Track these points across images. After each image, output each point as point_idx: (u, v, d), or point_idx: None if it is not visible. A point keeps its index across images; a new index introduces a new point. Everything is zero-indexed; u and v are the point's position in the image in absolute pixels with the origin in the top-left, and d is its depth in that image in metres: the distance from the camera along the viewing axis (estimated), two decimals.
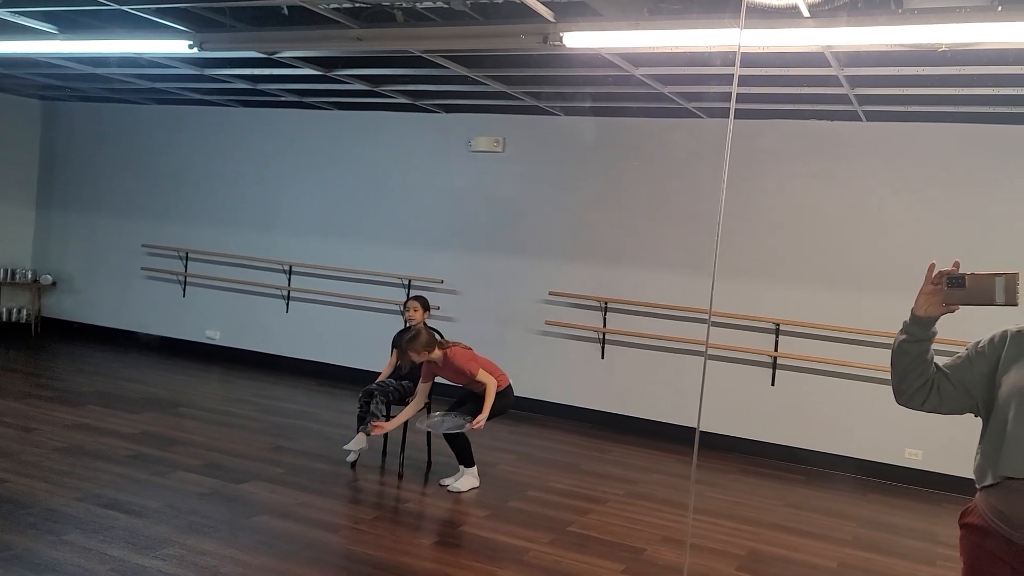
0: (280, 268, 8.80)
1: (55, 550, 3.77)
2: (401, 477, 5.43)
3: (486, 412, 5.04)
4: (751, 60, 4.99)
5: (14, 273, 9.80)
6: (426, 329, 5.27)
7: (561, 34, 4.59)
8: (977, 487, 2.08)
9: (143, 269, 9.48)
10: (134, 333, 9.57)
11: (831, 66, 4.93)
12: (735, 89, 3.72)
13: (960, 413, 2.18)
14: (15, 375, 7.60)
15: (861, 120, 6.46)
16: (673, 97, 6.24)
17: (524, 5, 4.32)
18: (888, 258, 6.40)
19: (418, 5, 4.72)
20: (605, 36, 4.58)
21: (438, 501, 5.07)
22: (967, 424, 2.35)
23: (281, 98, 8.17)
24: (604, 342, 7.42)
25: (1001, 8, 3.68)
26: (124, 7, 5.15)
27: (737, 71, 4.47)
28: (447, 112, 8.00)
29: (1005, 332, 2.10)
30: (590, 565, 4.18)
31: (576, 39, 4.63)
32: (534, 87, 6.52)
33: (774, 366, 6.81)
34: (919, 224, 6.34)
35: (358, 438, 5.54)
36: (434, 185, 8.12)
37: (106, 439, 5.66)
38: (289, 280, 8.77)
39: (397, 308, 7.89)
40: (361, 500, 5.05)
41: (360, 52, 5.85)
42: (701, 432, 6.81)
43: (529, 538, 4.49)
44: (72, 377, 7.68)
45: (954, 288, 2.04)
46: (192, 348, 9.21)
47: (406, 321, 5.88)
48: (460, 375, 5.20)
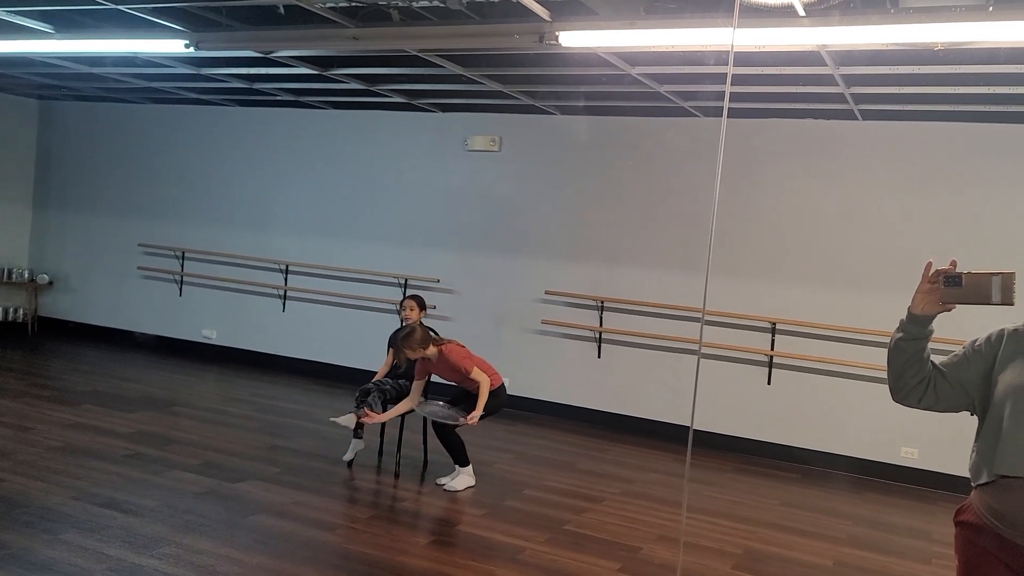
0: (277, 267, 8.79)
1: (51, 549, 3.77)
2: (397, 476, 5.43)
3: (480, 408, 5.06)
4: (747, 59, 5.00)
5: (10, 272, 9.80)
6: (421, 326, 5.28)
7: (557, 33, 4.59)
8: (972, 485, 2.09)
9: (139, 268, 9.47)
10: (130, 332, 9.57)
11: (827, 65, 4.93)
12: (728, 88, 3.73)
13: (956, 411, 2.19)
14: (11, 374, 7.58)
15: (857, 119, 6.47)
16: (669, 96, 6.24)
17: (520, 4, 4.32)
18: (884, 257, 6.41)
19: (414, 4, 4.72)
20: (601, 35, 4.58)
21: (434, 500, 5.07)
22: (963, 423, 2.36)
23: (277, 97, 8.17)
24: (600, 341, 7.42)
25: (992, 8, 3.69)
26: (120, 6, 5.14)
27: (731, 70, 4.47)
28: (443, 111, 8.00)
29: (1002, 331, 2.11)
30: (586, 564, 4.18)
31: (572, 38, 4.64)
32: (530, 86, 6.53)
33: (770, 365, 6.82)
34: (915, 223, 6.35)
35: (354, 443, 5.57)
36: (430, 184, 8.12)
37: (102, 438, 5.66)
38: (285, 279, 8.77)
39: (393, 307, 7.88)
40: (357, 499, 5.04)
41: (356, 51, 5.84)
42: (698, 431, 6.85)
43: (525, 537, 4.49)
44: (68, 376, 7.66)
45: (951, 287, 2.04)
46: (189, 347, 9.20)
47: (402, 320, 5.88)
48: (454, 372, 5.20)
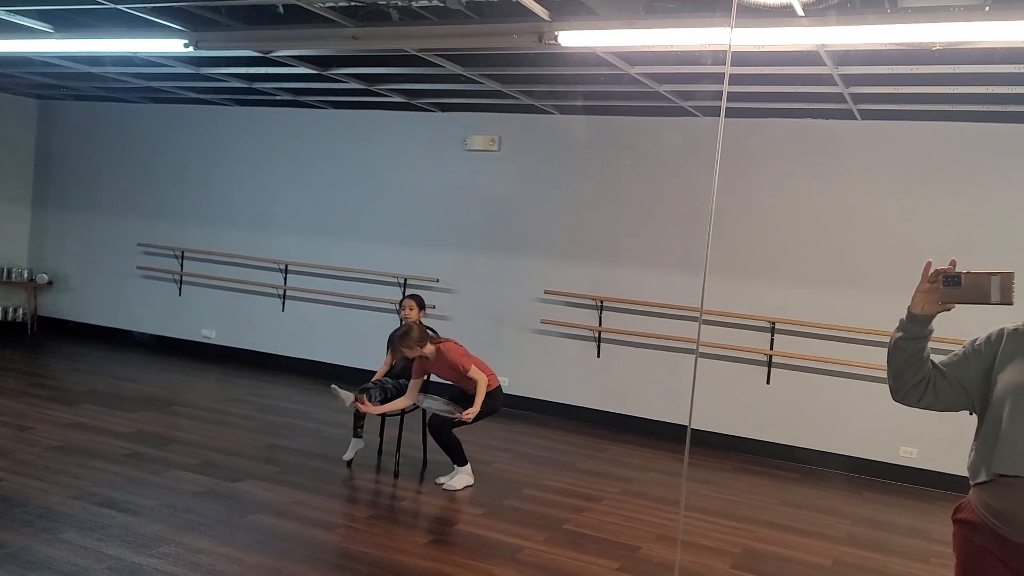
0: (276, 267, 8.79)
1: (51, 548, 3.77)
2: (397, 475, 5.43)
3: (477, 405, 5.06)
4: (746, 59, 5.00)
5: (10, 272, 9.79)
6: (418, 325, 5.29)
7: (556, 33, 4.60)
8: (971, 483, 2.09)
9: (139, 268, 9.47)
10: (130, 332, 9.57)
11: (825, 65, 4.94)
12: (726, 88, 3.73)
13: (956, 411, 2.19)
14: (11, 374, 7.58)
15: (855, 119, 6.47)
16: (668, 96, 6.25)
17: (519, 4, 4.32)
18: (884, 256, 6.42)
19: (414, 4, 4.72)
20: (600, 35, 4.59)
21: (433, 499, 5.07)
22: (962, 422, 2.36)
23: (277, 97, 8.16)
24: (600, 341, 7.42)
25: (988, 8, 3.69)
26: (120, 6, 5.14)
27: (728, 70, 4.47)
28: (443, 111, 8.00)
29: (1001, 330, 2.12)
30: (585, 563, 4.19)
31: (571, 38, 4.64)
32: (530, 86, 6.53)
33: (769, 364, 6.82)
34: (915, 222, 6.36)
35: (354, 442, 5.57)
36: (430, 184, 8.12)
37: (102, 438, 5.66)
38: (285, 279, 8.76)
39: (393, 307, 7.88)
40: (357, 498, 5.05)
41: (356, 51, 5.85)
42: (697, 430, 6.85)
43: (524, 536, 4.50)
44: (68, 376, 7.66)
45: (950, 287, 2.04)
46: (188, 347, 9.20)
47: (402, 320, 5.88)
48: (452, 371, 5.20)
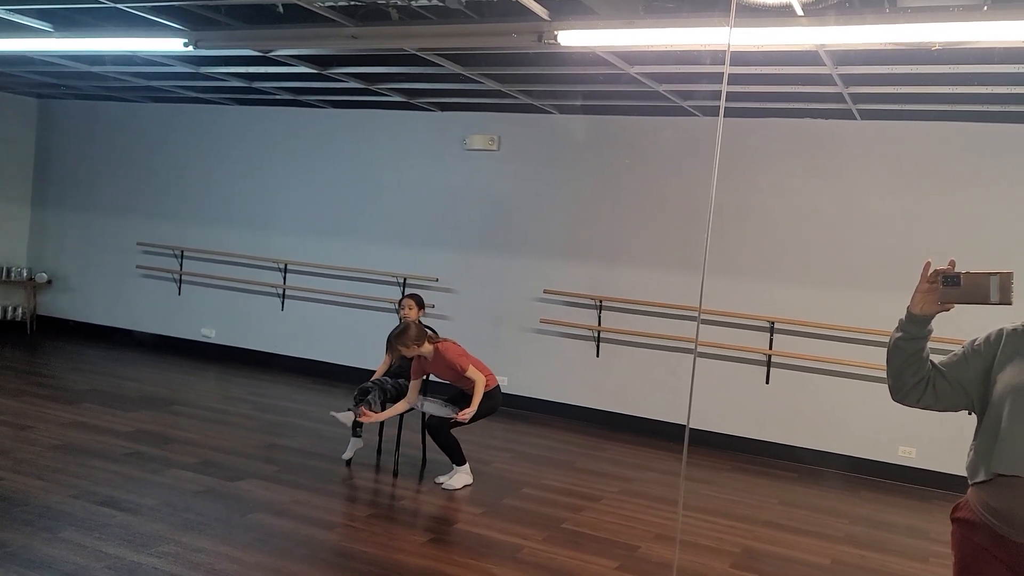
0: (275, 266, 8.79)
1: (50, 547, 3.77)
2: (396, 475, 5.44)
3: (475, 406, 5.06)
4: (745, 58, 5.00)
5: (9, 271, 9.79)
6: (416, 324, 5.29)
7: (556, 32, 4.60)
8: (970, 483, 2.10)
9: (138, 267, 9.47)
10: (130, 331, 9.57)
11: (825, 64, 4.94)
12: (725, 87, 3.74)
13: (955, 411, 2.20)
14: (11, 373, 7.58)
15: (855, 118, 6.47)
16: (668, 95, 6.25)
17: (519, 3, 4.32)
18: (883, 256, 6.42)
19: (413, 3, 4.72)
20: (600, 34, 4.59)
21: (433, 498, 5.08)
22: (961, 422, 2.37)
23: (276, 96, 8.16)
24: (599, 340, 7.43)
25: (988, 8, 3.69)
26: (119, 5, 5.14)
27: (727, 69, 4.48)
28: (442, 110, 8.00)
29: (1001, 330, 2.12)
30: (584, 562, 4.19)
31: (571, 37, 4.64)
32: (529, 85, 6.53)
33: (768, 364, 6.83)
34: (914, 222, 6.36)
35: (353, 442, 5.58)
36: (429, 183, 8.12)
37: (102, 437, 5.66)
38: (284, 278, 8.77)
39: (392, 306, 7.88)
40: (356, 497, 5.05)
41: (355, 50, 5.84)
42: (696, 430, 6.85)
43: (523, 535, 4.50)
44: (68, 375, 7.67)
45: (949, 287, 2.05)
46: (188, 346, 9.20)
47: (401, 319, 5.88)
48: (450, 371, 5.20)
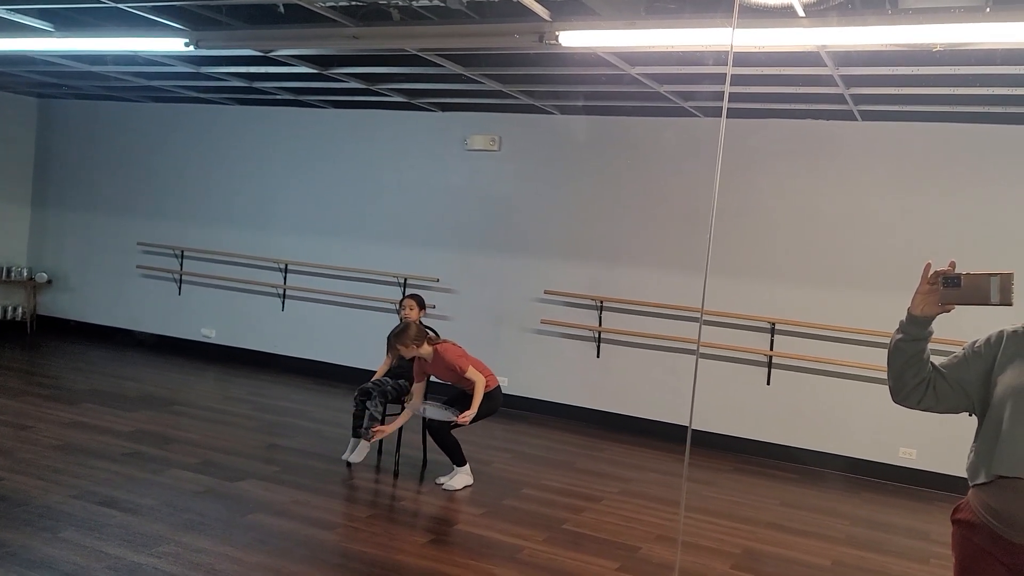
0: (276, 266, 8.79)
1: (51, 547, 3.77)
2: (396, 475, 5.44)
3: (474, 408, 5.06)
4: (746, 59, 5.00)
5: (9, 271, 9.79)
6: (417, 324, 5.29)
7: (557, 33, 4.59)
8: (970, 484, 2.10)
9: (139, 267, 9.47)
10: (130, 331, 9.56)
11: (826, 66, 4.94)
12: (727, 88, 3.74)
13: (956, 412, 2.19)
14: (11, 373, 7.58)
15: (856, 119, 6.47)
16: (669, 96, 6.24)
17: (520, 4, 4.32)
18: (883, 257, 6.42)
19: (414, 3, 4.72)
20: (601, 35, 4.59)
21: (433, 499, 5.08)
22: (961, 423, 2.36)
23: (277, 96, 8.16)
24: (599, 341, 7.43)
25: (990, 9, 3.69)
26: (120, 5, 5.14)
27: (730, 70, 4.47)
28: (443, 111, 8.00)
29: (1001, 332, 2.12)
30: (584, 563, 4.19)
31: (572, 38, 4.64)
32: (530, 86, 6.53)
33: (769, 365, 6.82)
34: (915, 223, 6.36)
35: (360, 448, 5.52)
36: (430, 183, 8.12)
37: (102, 437, 5.66)
38: (285, 278, 8.77)
39: (393, 307, 7.88)
40: (356, 498, 5.05)
41: (356, 50, 5.85)
42: (696, 431, 6.85)
43: (524, 536, 4.50)
44: (68, 375, 7.66)
45: (950, 288, 2.05)
46: (188, 346, 9.20)
47: (402, 319, 5.88)
48: (450, 372, 5.20)
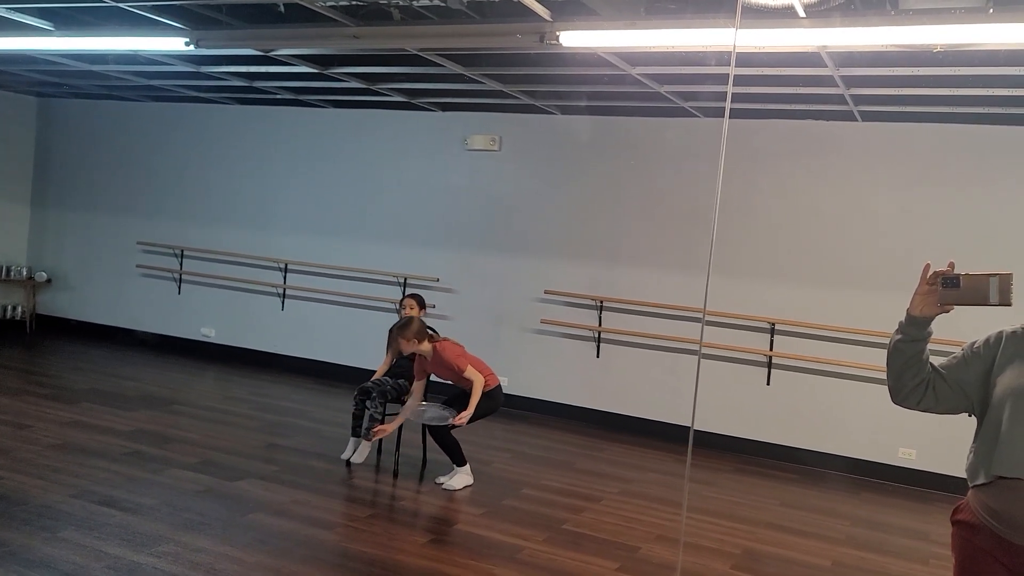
0: (276, 266, 8.79)
1: (50, 547, 3.77)
2: (396, 475, 5.43)
3: (471, 409, 5.05)
4: (747, 60, 4.99)
5: (9, 270, 9.79)
6: (419, 320, 5.31)
7: (558, 33, 4.60)
8: (970, 485, 2.10)
9: (138, 266, 9.47)
10: (130, 330, 9.56)
11: (827, 66, 4.94)
12: (730, 89, 3.74)
13: (955, 413, 2.20)
14: (10, 372, 7.58)
15: (857, 120, 6.47)
16: (669, 96, 6.24)
17: (521, 4, 4.32)
18: (883, 258, 6.42)
19: (415, 3, 4.72)
20: (602, 35, 4.59)
21: (433, 499, 5.08)
22: (961, 424, 2.36)
23: (277, 96, 8.16)
24: (599, 341, 7.43)
25: (991, 10, 3.69)
26: (121, 4, 5.14)
27: (732, 71, 4.47)
28: (443, 110, 8.00)
29: (1000, 333, 2.12)
30: (584, 563, 4.19)
31: (573, 38, 4.64)
32: (530, 86, 6.53)
33: (769, 365, 6.82)
34: (914, 224, 6.36)
35: (361, 448, 5.53)
36: (430, 183, 8.12)
37: (101, 436, 5.66)
38: (285, 278, 8.77)
39: (393, 306, 7.89)
40: (356, 498, 5.05)
41: (356, 50, 5.85)
42: (696, 431, 6.84)
43: (524, 536, 4.50)
44: (67, 374, 7.66)
45: (949, 288, 2.05)
46: (188, 346, 9.20)
47: (402, 319, 5.88)
48: (449, 370, 5.20)
